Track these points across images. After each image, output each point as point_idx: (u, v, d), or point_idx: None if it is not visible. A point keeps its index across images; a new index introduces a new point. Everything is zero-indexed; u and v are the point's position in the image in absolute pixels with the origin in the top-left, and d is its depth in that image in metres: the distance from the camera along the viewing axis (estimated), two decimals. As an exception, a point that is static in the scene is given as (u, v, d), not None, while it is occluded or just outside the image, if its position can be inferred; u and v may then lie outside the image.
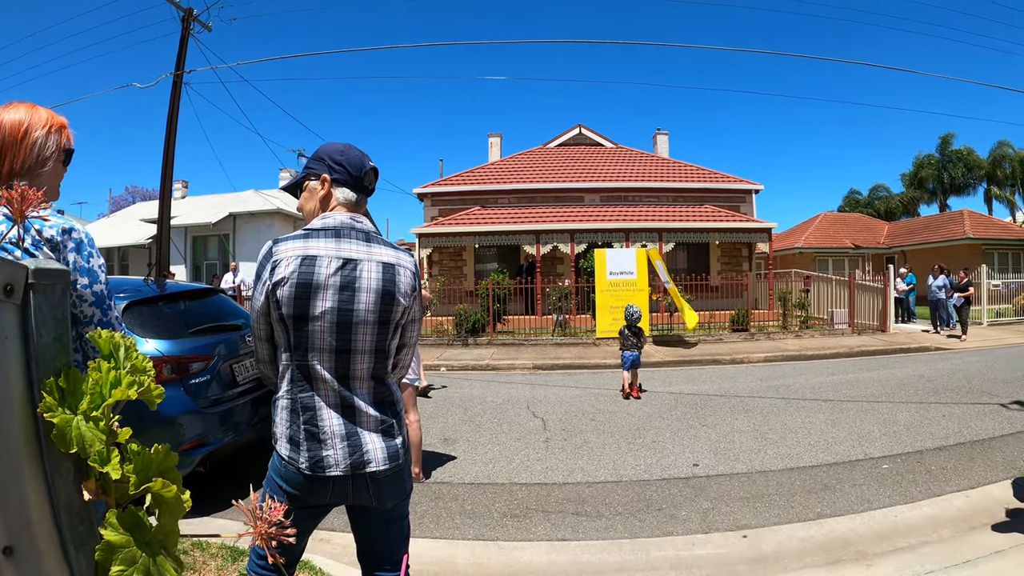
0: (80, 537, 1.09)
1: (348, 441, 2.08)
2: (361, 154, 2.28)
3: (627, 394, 9.91)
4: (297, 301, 2.04)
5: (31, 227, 1.77)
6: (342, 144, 2.29)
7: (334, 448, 2.07)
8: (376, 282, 2.10)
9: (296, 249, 2.08)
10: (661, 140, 30.86)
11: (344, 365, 2.09)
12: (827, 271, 29.31)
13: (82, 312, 1.89)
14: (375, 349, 2.13)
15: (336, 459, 2.06)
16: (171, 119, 16.80)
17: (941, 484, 5.60)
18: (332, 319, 2.05)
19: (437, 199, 24.82)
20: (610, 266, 16.49)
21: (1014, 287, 22.95)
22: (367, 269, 2.10)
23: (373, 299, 2.09)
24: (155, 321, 5.22)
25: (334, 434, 2.07)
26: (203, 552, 3.95)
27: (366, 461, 2.09)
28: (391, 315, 2.14)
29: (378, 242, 2.19)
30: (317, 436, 2.07)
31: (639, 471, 6.18)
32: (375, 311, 2.10)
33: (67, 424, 1.03)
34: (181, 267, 27.53)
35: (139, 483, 1.10)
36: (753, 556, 4.33)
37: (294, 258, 2.06)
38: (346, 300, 2.06)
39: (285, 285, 2.04)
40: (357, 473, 2.09)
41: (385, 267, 2.13)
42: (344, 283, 2.06)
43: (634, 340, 10.01)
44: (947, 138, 46.80)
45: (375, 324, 2.10)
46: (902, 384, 10.61)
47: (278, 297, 2.05)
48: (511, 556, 4.41)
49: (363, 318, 2.08)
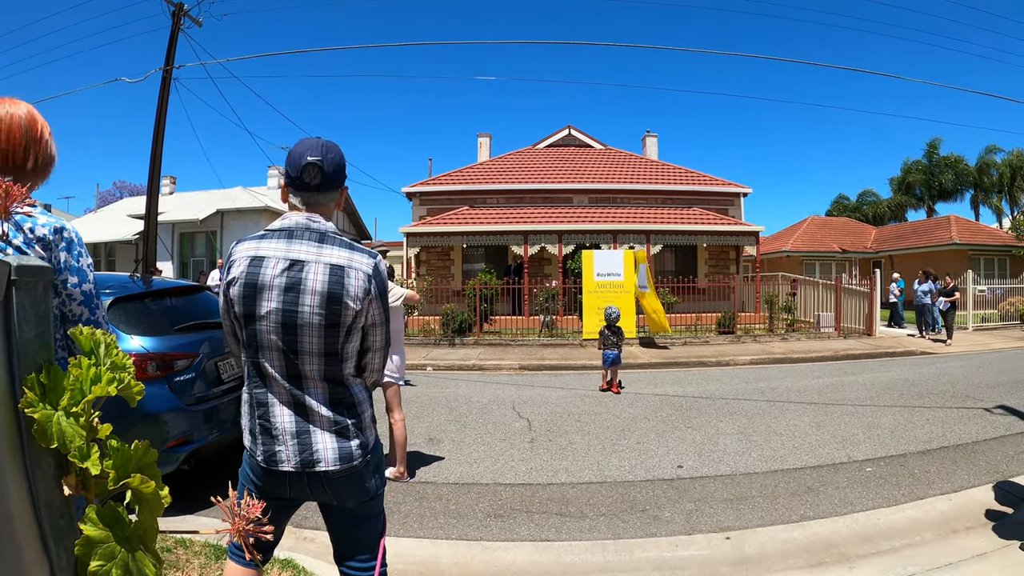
0: (60, 532, 1.09)
1: (298, 439, 2.10)
2: (303, 150, 2.14)
3: (605, 389, 10.59)
4: (245, 300, 2.06)
5: (23, 225, 1.78)
6: (307, 141, 2.18)
7: (285, 444, 2.10)
8: (322, 284, 2.06)
9: (249, 250, 2.10)
10: (650, 142, 30.97)
11: (292, 365, 2.09)
12: (814, 275, 29.45)
13: (71, 311, 1.91)
14: (323, 352, 2.10)
15: (287, 455, 2.09)
16: (160, 115, 16.73)
17: (924, 487, 5.64)
18: (277, 319, 2.05)
19: (426, 198, 24.80)
20: (598, 268, 16.52)
21: (1000, 292, 23.17)
22: (313, 271, 2.07)
23: (318, 301, 2.05)
24: (141, 318, 5.21)
25: (285, 431, 2.10)
26: (187, 550, 3.94)
27: (315, 460, 2.10)
28: (340, 318, 2.09)
29: (333, 243, 2.13)
30: (270, 431, 2.11)
31: (623, 472, 6.20)
32: (321, 313, 2.06)
33: (48, 420, 1.03)
34: (168, 263, 27.39)
35: (118, 479, 1.11)
36: (736, 558, 4.35)
37: (245, 258, 2.08)
38: (290, 301, 2.05)
39: (236, 285, 2.07)
40: (309, 471, 2.11)
41: (333, 269, 2.08)
42: (289, 284, 2.05)
43: (614, 339, 10.55)
44: (934, 144, 47.21)
45: (321, 327, 2.07)
46: (887, 388, 10.69)
47: (230, 296, 2.09)
48: (495, 556, 4.41)
49: (307, 320, 2.05)
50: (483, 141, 31.08)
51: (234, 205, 27.39)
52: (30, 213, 1.47)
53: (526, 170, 26.26)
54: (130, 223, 28.86)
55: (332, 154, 2.16)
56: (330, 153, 2.16)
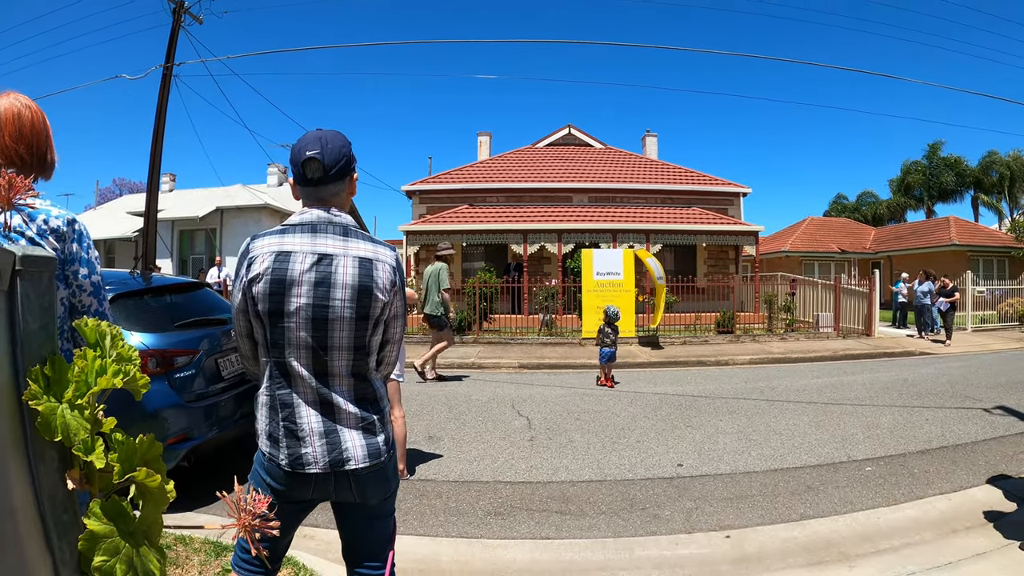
0: (63, 526, 1.08)
1: (327, 439, 2.06)
2: (302, 146, 2.12)
3: (602, 384, 11.01)
4: (272, 297, 2.01)
5: (36, 217, 1.80)
6: (309, 134, 2.16)
7: (312, 446, 2.05)
8: (352, 277, 2.05)
9: (271, 245, 2.05)
10: (650, 142, 30.95)
11: (321, 362, 2.06)
12: (813, 275, 29.45)
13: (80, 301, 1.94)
14: (353, 346, 2.09)
15: (315, 456, 2.04)
16: (160, 112, 16.70)
17: (924, 487, 5.64)
18: (307, 315, 2.01)
19: (425, 197, 24.78)
20: (597, 267, 16.52)
21: (999, 294, 23.18)
22: (343, 264, 2.05)
23: (349, 295, 2.04)
24: (140, 314, 5.20)
25: (312, 431, 2.05)
26: (186, 547, 3.93)
27: (345, 459, 2.07)
28: (369, 311, 2.09)
29: (357, 236, 2.14)
30: (296, 433, 2.05)
31: (623, 470, 6.19)
32: (352, 307, 2.05)
33: (52, 412, 1.03)
34: (167, 261, 27.39)
35: (123, 472, 1.10)
36: (736, 556, 4.35)
37: (268, 254, 2.03)
38: (321, 296, 2.02)
39: (260, 282, 2.01)
40: (338, 471, 2.07)
41: (362, 262, 2.08)
42: (319, 279, 2.02)
43: (613, 337, 11.02)
44: (936, 145, 47.31)
45: (352, 320, 2.06)
46: (886, 388, 10.69)
47: (254, 294, 2.03)
48: (495, 554, 4.40)
49: (339, 314, 2.04)
50: (483, 140, 31.03)
51: (234, 203, 27.39)
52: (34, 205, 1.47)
53: (526, 169, 26.23)
54: (130, 220, 28.86)
55: (331, 145, 2.12)
56: (329, 144, 2.12)
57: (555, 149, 29.26)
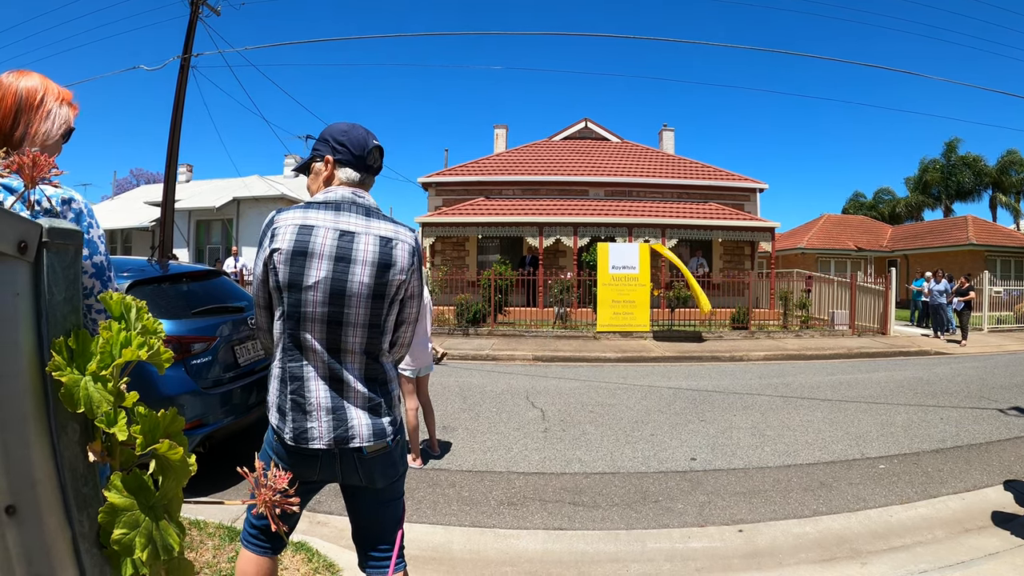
0: (84, 499, 1.09)
1: (334, 414, 2.08)
2: (365, 133, 2.25)
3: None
4: (292, 269, 2.04)
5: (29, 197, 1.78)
6: (346, 124, 2.27)
7: (318, 420, 2.07)
8: (372, 255, 2.09)
9: (295, 219, 2.09)
10: (667, 136, 30.79)
11: (336, 337, 2.09)
12: (829, 272, 29.30)
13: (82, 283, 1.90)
14: (368, 323, 2.12)
15: (320, 431, 2.07)
16: (177, 103, 16.77)
17: (937, 486, 5.61)
18: (325, 288, 2.04)
19: (441, 189, 24.78)
20: (613, 260, 16.49)
21: (1016, 294, 22.96)
22: (364, 242, 2.10)
23: (368, 271, 2.08)
24: (158, 300, 5.22)
25: (319, 406, 2.08)
26: (200, 531, 3.97)
27: (350, 436, 2.09)
28: (386, 289, 2.13)
29: (378, 217, 2.19)
30: (303, 407, 2.08)
31: (636, 463, 6.19)
32: (370, 284, 2.09)
33: (75, 384, 1.03)
34: (184, 250, 27.55)
35: (146, 444, 1.10)
36: (748, 550, 4.34)
37: (292, 227, 2.06)
38: (341, 271, 2.05)
39: (281, 253, 2.05)
40: (343, 448, 2.10)
41: (383, 240, 2.13)
42: (340, 254, 2.06)
43: None
44: (953, 143, 46.71)
45: (369, 297, 2.09)
46: (900, 386, 10.61)
47: (274, 264, 2.06)
48: (507, 543, 4.42)
49: (357, 290, 2.07)
50: (499, 132, 31.00)
51: (250, 193, 27.46)
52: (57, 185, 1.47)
53: (542, 162, 26.15)
54: (147, 210, 29.08)
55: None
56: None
57: (572, 143, 29.15)
